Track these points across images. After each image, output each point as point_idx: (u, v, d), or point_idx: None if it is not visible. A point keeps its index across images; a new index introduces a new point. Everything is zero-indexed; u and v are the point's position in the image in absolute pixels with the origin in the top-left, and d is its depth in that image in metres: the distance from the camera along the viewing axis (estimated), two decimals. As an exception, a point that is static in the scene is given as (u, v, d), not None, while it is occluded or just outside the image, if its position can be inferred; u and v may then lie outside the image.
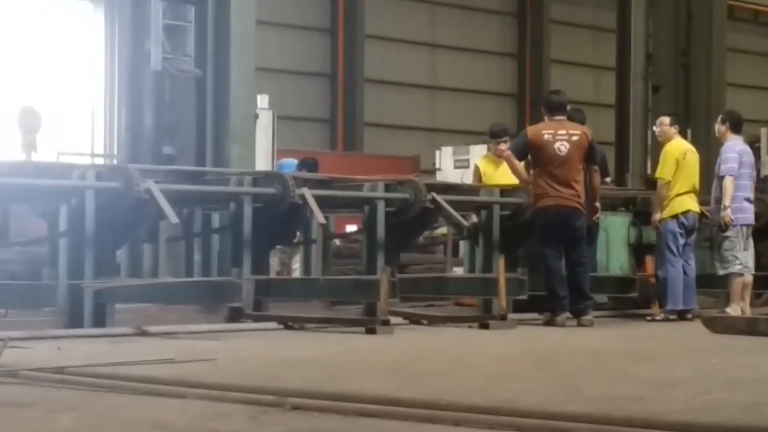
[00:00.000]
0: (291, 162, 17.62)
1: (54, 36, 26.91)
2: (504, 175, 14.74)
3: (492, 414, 5.38)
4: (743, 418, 5.49)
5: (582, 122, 14.14)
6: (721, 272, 14.54)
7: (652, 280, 15.45)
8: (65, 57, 26.94)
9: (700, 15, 20.11)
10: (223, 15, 15.60)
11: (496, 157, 15.19)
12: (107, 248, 11.90)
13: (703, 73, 20.01)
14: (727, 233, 14.36)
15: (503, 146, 14.81)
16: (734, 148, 14.56)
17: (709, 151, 15.56)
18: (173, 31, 15.45)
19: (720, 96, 20.24)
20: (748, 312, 14.12)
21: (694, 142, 15.66)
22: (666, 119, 14.95)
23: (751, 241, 14.73)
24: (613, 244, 15.87)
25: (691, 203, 14.49)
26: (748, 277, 14.50)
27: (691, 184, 14.51)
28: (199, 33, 15.52)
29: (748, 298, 14.51)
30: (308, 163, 17.63)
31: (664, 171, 14.49)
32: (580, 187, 13.34)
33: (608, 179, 16.21)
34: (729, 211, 14.28)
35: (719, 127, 14.92)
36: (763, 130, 22.92)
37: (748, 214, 14.59)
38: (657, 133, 15.08)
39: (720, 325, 12.17)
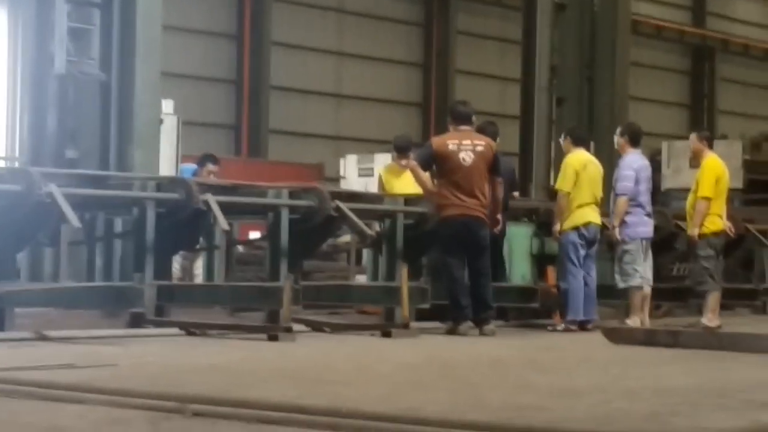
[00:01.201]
0: (190, 167, 17.51)
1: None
2: (407, 184, 14.81)
3: (395, 422, 5.39)
4: (643, 428, 5.54)
5: (494, 135, 14.22)
6: (621, 285, 14.68)
7: (554, 290, 15.59)
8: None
9: (605, 29, 20.27)
10: (128, 19, 15.50)
11: (400, 167, 15.27)
12: (7, 251, 11.79)
13: (606, 86, 20.17)
14: (627, 247, 14.52)
15: (406, 161, 14.90)
16: (632, 165, 14.70)
17: (612, 163, 15.68)
18: (78, 34, 15.34)
19: (623, 109, 20.41)
20: (648, 323, 14.27)
21: (597, 155, 15.76)
22: (565, 139, 15.15)
23: (650, 254, 14.91)
24: (515, 255, 15.97)
25: (592, 215, 14.60)
26: (647, 289, 14.67)
27: (592, 196, 14.62)
28: (104, 37, 15.41)
29: (647, 309, 14.67)
30: (210, 157, 17.53)
31: (563, 182, 14.60)
32: (484, 198, 13.41)
33: (516, 193, 16.28)
34: (617, 230, 14.48)
35: (618, 140, 15.08)
36: (664, 144, 23.19)
37: (647, 227, 14.77)
38: (562, 146, 15.21)
39: (620, 336, 12.30)
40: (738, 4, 47.75)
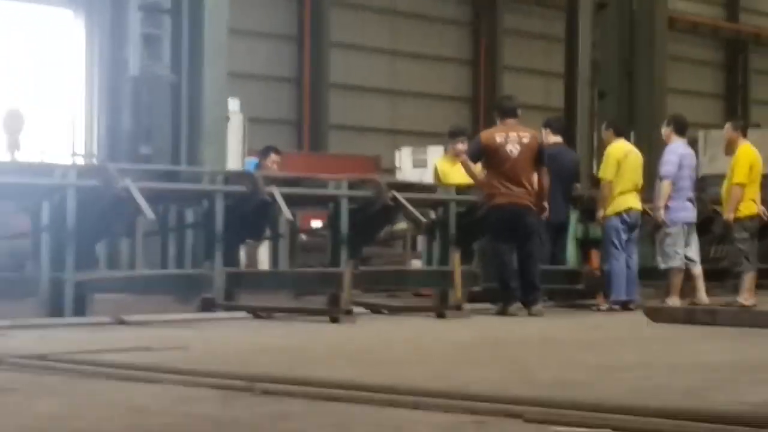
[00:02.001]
0: (254, 160, 17.60)
1: (36, 41, 26.75)
2: (461, 173, 14.79)
3: (448, 398, 5.39)
4: (682, 402, 5.51)
5: (560, 129, 14.30)
6: (662, 266, 14.63)
7: (597, 273, 15.54)
8: (47, 61, 26.79)
9: (643, 26, 20.17)
10: (196, 24, 15.55)
11: (454, 156, 15.26)
12: (87, 242, 11.86)
13: (645, 80, 20.07)
14: (669, 230, 14.46)
15: (460, 145, 14.91)
16: (676, 150, 14.65)
17: (651, 153, 15.62)
18: (150, 39, 15.41)
19: (661, 101, 20.31)
20: (705, 300, 14.18)
21: (637, 145, 15.71)
22: (608, 130, 15.12)
23: (695, 237, 14.82)
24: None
25: (633, 201, 14.58)
26: (697, 269, 14.59)
27: (633, 184, 14.60)
28: (174, 41, 15.47)
29: (702, 287, 14.57)
30: (272, 149, 17.60)
31: (606, 171, 14.60)
32: (530, 186, 13.40)
33: (578, 185, 16.26)
34: (662, 212, 14.40)
35: (665, 130, 15.01)
36: (700, 133, 23.05)
37: (689, 212, 14.69)
38: (604, 137, 15.17)
39: (661, 315, 12.23)
40: (770, -1, 47.35)
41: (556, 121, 14.90)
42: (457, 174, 14.95)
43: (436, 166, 16.02)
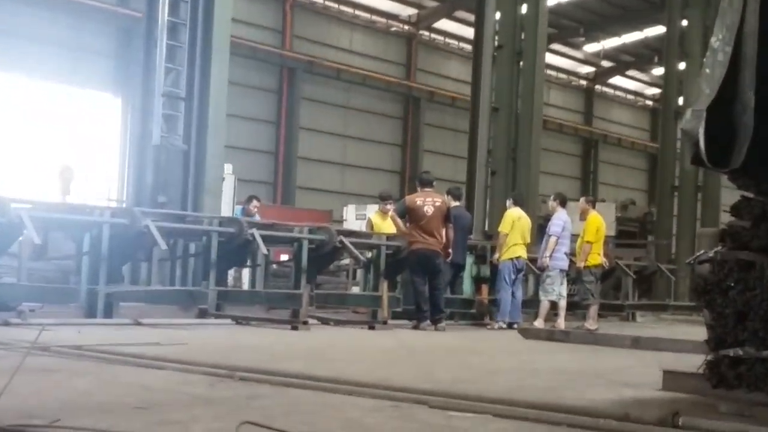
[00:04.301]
0: (241, 207, 17.71)
1: (84, 116, 26.69)
2: (389, 225, 14.86)
3: (374, 388, 5.38)
4: (542, 397, 5.53)
5: (460, 196, 14.59)
6: (543, 298, 14.77)
7: (485, 301, 15.64)
8: (92, 130, 26.71)
9: (525, 125, 20.35)
10: (203, 109, 15.57)
11: (383, 213, 15.34)
12: (116, 264, 11.78)
13: (525, 164, 20.22)
14: (550, 273, 14.66)
15: (389, 206, 14.99)
16: (561, 217, 14.90)
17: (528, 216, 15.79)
18: (169, 118, 15.39)
19: (536, 180, 20.47)
20: (563, 326, 14.27)
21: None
22: (509, 201, 15.31)
23: (565, 279, 15.00)
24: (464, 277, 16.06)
25: (521, 251, 14.77)
26: (563, 302, 14.73)
27: (522, 238, 14.81)
28: (186, 120, 15.48)
29: (563, 315, 14.69)
30: (254, 197, 17.70)
31: (504, 227, 14.78)
32: (440, 237, 13.45)
33: (471, 236, 16.44)
34: (547, 260, 14.58)
35: (551, 203, 15.29)
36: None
37: (565, 262, 14.90)
38: (508, 205, 15.32)
39: (529, 334, 12.29)
40: (614, 111, 48.05)
41: (455, 190, 15.02)
42: (384, 226, 15.05)
43: (370, 219, 16.09)
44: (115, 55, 27.49)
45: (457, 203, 14.99)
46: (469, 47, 31.35)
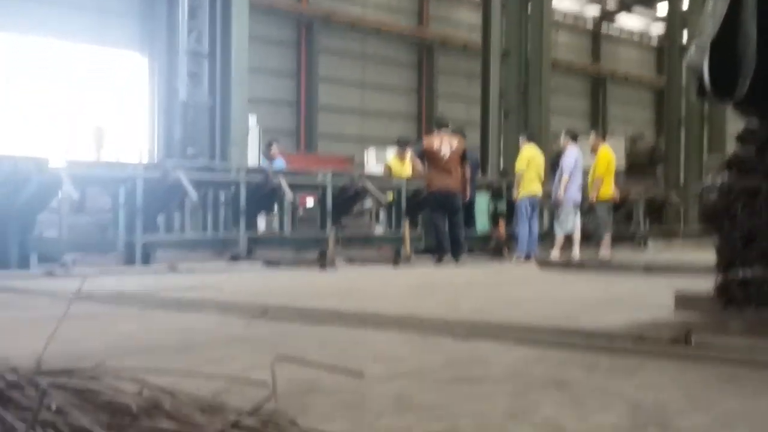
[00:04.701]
0: (280, 160, 17.53)
1: (114, 75, 26.65)
2: (406, 169, 14.87)
3: (401, 321, 5.41)
4: (562, 323, 5.55)
5: (464, 135, 14.32)
6: (558, 232, 14.76)
7: (503, 236, 15.64)
8: (122, 89, 26.67)
9: (534, 67, 20.27)
10: (226, 64, 15.53)
11: (401, 158, 15.33)
12: (151, 215, 11.85)
13: (536, 104, 20.16)
14: (564, 207, 14.64)
15: (406, 152, 14.98)
16: (573, 153, 14.83)
17: (543, 153, 15.73)
18: (194, 75, 15.36)
19: (547, 119, 20.43)
20: (578, 257, 14.30)
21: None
22: (523, 138, 15.23)
23: (579, 212, 15.01)
24: (478, 213, 16.02)
25: (536, 187, 14.73)
26: (577, 234, 14.75)
27: (537, 175, 14.77)
28: (210, 76, 15.46)
29: (578, 246, 14.72)
30: (274, 141, 17.49)
31: (520, 165, 14.76)
32: (457, 176, 13.44)
33: (481, 174, 16.42)
34: (561, 194, 14.56)
35: (563, 139, 15.17)
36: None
37: (578, 195, 14.87)
38: (521, 143, 15.27)
39: (547, 265, 12.31)
40: (621, 49, 47.57)
41: (459, 131, 14.89)
42: (402, 170, 15.08)
43: (387, 163, 16.11)
44: (139, 16, 27.36)
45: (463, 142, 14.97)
46: (478, -7, 31.04)
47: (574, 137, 15.03)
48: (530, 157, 14.63)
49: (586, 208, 15.73)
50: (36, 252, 10.68)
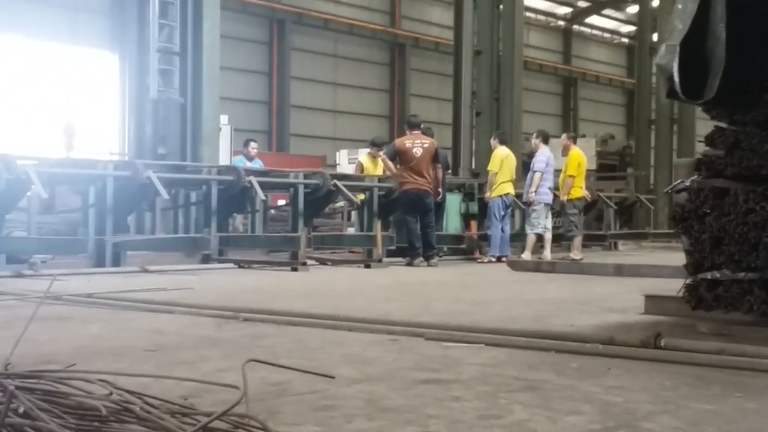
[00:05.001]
0: (240, 159, 17.42)
1: (84, 73, 26.47)
2: (378, 168, 14.88)
3: (372, 323, 5.42)
4: (532, 325, 5.57)
5: (432, 135, 14.25)
6: (528, 232, 14.79)
7: (474, 237, 15.68)
8: (93, 87, 26.50)
9: (507, 66, 20.32)
10: (197, 62, 15.47)
11: (373, 157, 15.33)
12: (121, 215, 11.76)
13: (508, 104, 20.22)
14: (535, 207, 14.66)
15: (380, 152, 14.94)
16: (544, 153, 14.84)
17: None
18: (165, 72, 15.29)
19: (519, 119, 20.48)
20: (549, 258, 14.32)
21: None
22: (495, 139, 15.22)
23: (550, 212, 15.04)
24: (450, 214, 16.02)
25: (509, 188, 14.77)
26: (548, 235, 14.77)
27: (510, 176, 14.81)
28: (182, 74, 15.39)
29: (548, 247, 14.75)
30: (251, 140, 17.27)
31: (493, 166, 14.77)
32: (429, 177, 13.45)
33: (449, 172, 16.35)
34: (532, 195, 14.58)
35: (535, 141, 15.20)
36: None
37: (549, 196, 14.90)
38: (493, 145, 15.25)
39: (517, 266, 12.34)
40: (591, 49, 47.84)
41: (427, 129, 14.76)
42: (373, 168, 15.10)
43: (360, 161, 16.09)
44: (110, 13, 27.15)
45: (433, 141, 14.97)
46: (450, -7, 31.07)
47: (545, 139, 15.11)
48: (503, 157, 14.69)
49: (557, 209, 15.80)
50: (4, 252, 10.60)
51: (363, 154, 17.04)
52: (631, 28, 45.63)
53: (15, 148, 13.63)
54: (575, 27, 46.72)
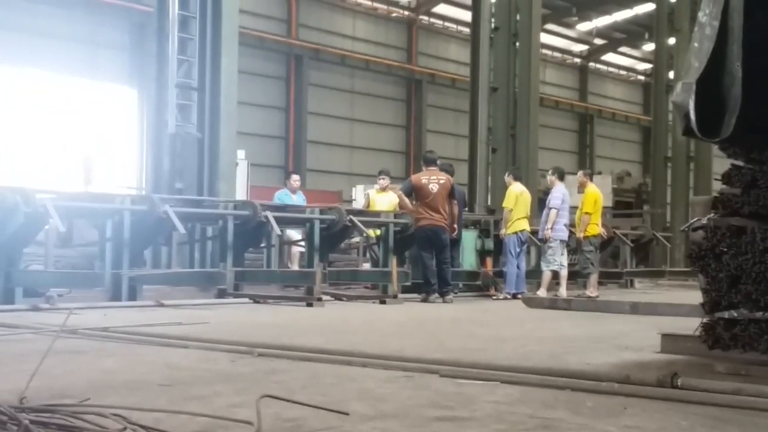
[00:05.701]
0: (285, 192, 16.98)
1: (104, 108, 26.68)
2: (383, 201, 15.05)
3: (387, 359, 5.40)
4: (547, 363, 5.54)
5: (451, 172, 14.30)
6: (544, 268, 14.76)
7: (490, 273, 15.64)
8: (112, 121, 26.71)
9: (522, 103, 20.36)
10: (215, 98, 15.54)
11: (380, 189, 15.48)
12: (138, 248, 11.80)
13: (524, 140, 20.23)
14: (551, 244, 14.65)
15: (381, 180, 15.13)
16: (560, 190, 14.85)
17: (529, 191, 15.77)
18: (183, 107, 15.37)
19: (535, 156, 20.49)
20: (565, 295, 14.27)
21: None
22: (509, 176, 15.23)
23: (566, 249, 15.01)
24: (466, 250, 15.99)
25: (525, 225, 14.76)
26: (564, 272, 14.75)
27: (525, 212, 14.81)
28: (200, 109, 15.46)
29: (564, 284, 14.73)
30: (291, 172, 17.24)
31: (508, 203, 14.76)
32: (445, 213, 13.47)
33: (466, 209, 16.36)
34: (548, 232, 14.57)
35: (550, 177, 15.22)
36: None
37: (565, 233, 14.89)
38: (507, 181, 15.26)
39: (533, 303, 12.29)
40: (607, 86, 47.91)
41: (447, 166, 14.79)
42: (379, 200, 15.25)
43: (368, 194, 16.14)
44: (129, 49, 27.49)
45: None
46: (467, 30, 31.23)
47: (561, 176, 15.11)
48: (518, 193, 14.69)
49: (573, 246, 15.76)
50: (21, 286, 10.63)
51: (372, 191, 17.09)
52: (647, 66, 45.74)
53: (33, 182, 13.71)
54: (591, 64, 46.86)
